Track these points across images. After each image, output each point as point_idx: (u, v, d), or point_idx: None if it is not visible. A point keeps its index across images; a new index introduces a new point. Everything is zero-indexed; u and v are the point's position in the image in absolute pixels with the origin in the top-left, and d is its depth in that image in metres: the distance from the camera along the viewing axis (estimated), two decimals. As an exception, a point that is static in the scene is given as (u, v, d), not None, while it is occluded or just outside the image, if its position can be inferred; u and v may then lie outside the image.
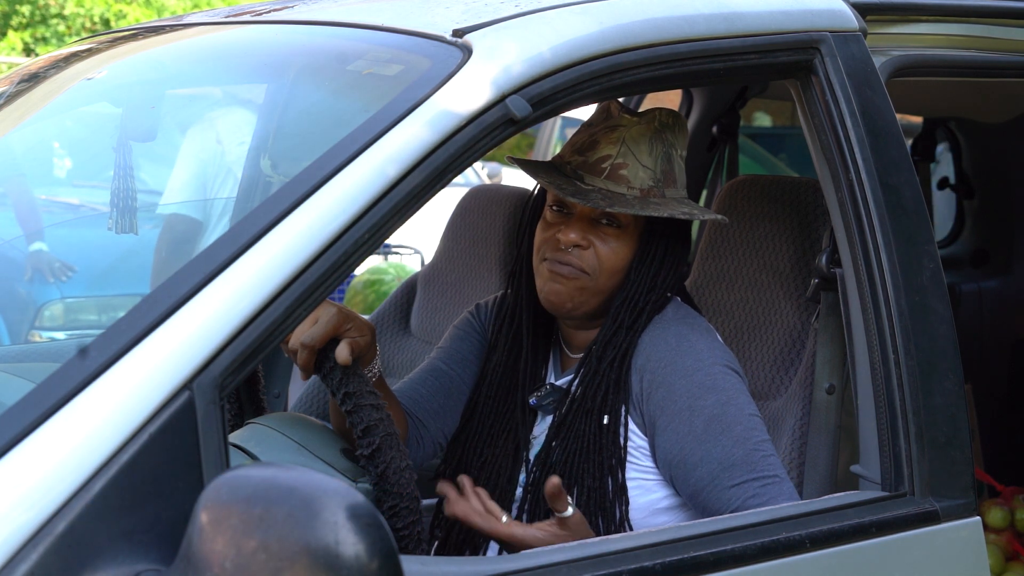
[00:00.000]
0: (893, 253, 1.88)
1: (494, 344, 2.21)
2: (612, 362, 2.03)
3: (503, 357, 2.18)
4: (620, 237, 2.05)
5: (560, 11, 1.79)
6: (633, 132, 2.05)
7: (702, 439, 1.95)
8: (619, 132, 2.05)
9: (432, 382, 2.22)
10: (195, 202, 3.90)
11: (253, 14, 2.27)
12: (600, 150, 2.04)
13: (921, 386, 1.85)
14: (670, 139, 2.08)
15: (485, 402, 2.18)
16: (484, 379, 2.20)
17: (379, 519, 1.22)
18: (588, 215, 2.05)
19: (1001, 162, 4.04)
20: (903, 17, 2.10)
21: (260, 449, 1.80)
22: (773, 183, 2.50)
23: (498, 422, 2.15)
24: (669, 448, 1.98)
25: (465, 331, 2.28)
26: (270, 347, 1.44)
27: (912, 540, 1.82)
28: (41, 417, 1.31)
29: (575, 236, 2.03)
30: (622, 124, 2.05)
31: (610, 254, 2.04)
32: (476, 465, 2.14)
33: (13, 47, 15.27)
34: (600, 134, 2.05)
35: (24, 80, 2.47)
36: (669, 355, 2.01)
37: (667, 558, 1.62)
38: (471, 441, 2.17)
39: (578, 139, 2.08)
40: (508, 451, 2.12)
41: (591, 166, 2.04)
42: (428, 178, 1.58)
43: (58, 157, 4.22)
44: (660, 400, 1.99)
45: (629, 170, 2.03)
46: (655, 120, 2.07)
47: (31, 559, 1.24)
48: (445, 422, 2.21)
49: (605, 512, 2.00)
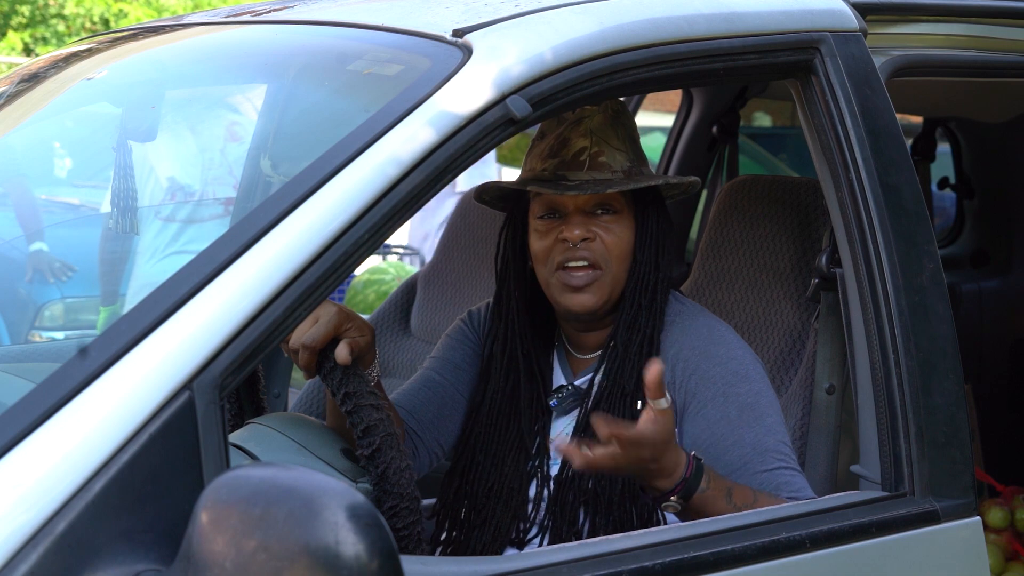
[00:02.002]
0: (893, 253, 1.88)
1: (487, 369, 2.19)
2: (640, 346, 2.04)
3: (500, 383, 2.15)
4: (619, 221, 2.07)
5: (560, 11, 1.79)
6: (597, 121, 2.08)
7: (736, 424, 1.97)
8: (585, 124, 2.07)
9: (425, 393, 2.21)
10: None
11: (253, 14, 2.26)
12: (574, 145, 2.06)
13: (921, 386, 1.85)
14: (625, 122, 2.12)
15: (485, 430, 2.15)
16: (482, 404, 2.17)
17: (379, 519, 1.22)
18: (583, 209, 2.06)
19: (1001, 162, 4.04)
20: (903, 17, 2.10)
21: (260, 449, 1.80)
22: (773, 183, 2.50)
23: (502, 444, 2.13)
24: (700, 433, 1.99)
25: (458, 339, 2.27)
26: (270, 347, 1.44)
27: (912, 540, 1.82)
28: (41, 417, 1.31)
29: (580, 231, 2.04)
30: (585, 116, 2.08)
31: (616, 240, 2.06)
32: (483, 490, 2.12)
33: (13, 47, 15.27)
34: (568, 131, 2.07)
35: (24, 80, 2.47)
36: (702, 344, 2.04)
37: (667, 558, 1.62)
38: (473, 470, 2.14)
39: (543, 145, 2.10)
40: (519, 466, 2.10)
41: (570, 163, 2.06)
42: (428, 178, 1.58)
43: (58, 157, 4.22)
44: (694, 387, 2.01)
45: (607, 156, 2.06)
46: (608, 109, 2.10)
47: (31, 559, 1.24)
48: (440, 432, 2.19)
49: (638, 502, 2.00)
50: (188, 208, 4.14)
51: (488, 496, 2.10)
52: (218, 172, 3.88)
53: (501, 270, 2.19)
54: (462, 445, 2.18)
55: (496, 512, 2.08)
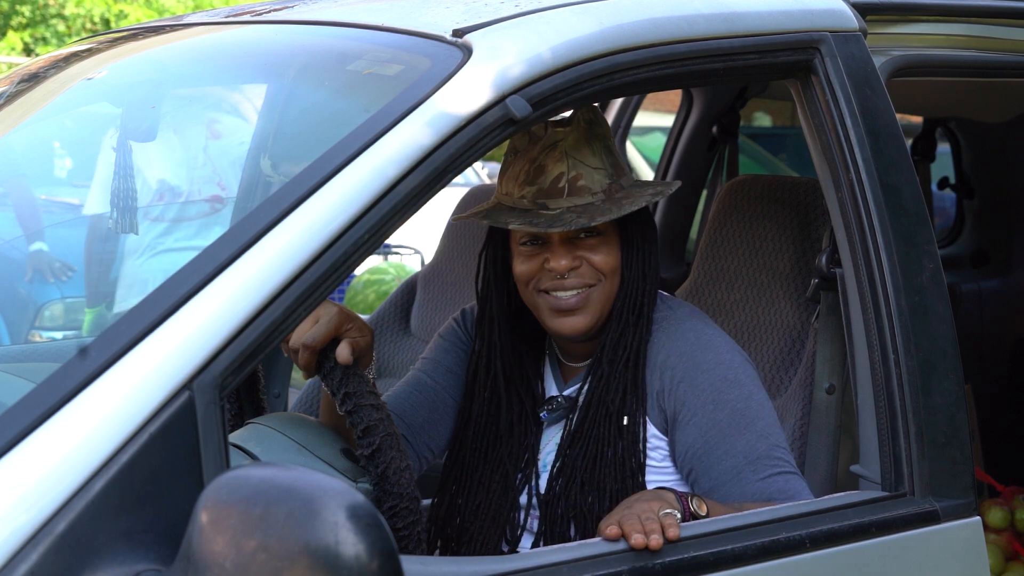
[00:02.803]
0: (893, 253, 1.88)
1: (471, 385, 2.17)
2: (626, 363, 2.02)
3: (484, 404, 2.13)
4: (604, 242, 2.03)
5: (560, 11, 1.79)
6: (570, 141, 2.02)
7: (727, 432, 1.95)
8: (559, 147, 2.01)
9: (416, 396, 2.19)
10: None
11: (253, 14, 2.27)
12: (551, 171, 2.00)
13: (921, 386, 1.85)
14: (600, 132, 2.06)
15: (471, 450, 2.13)
16: (469, 421, 2.15)
17: (379, 519, 1.22)
18: (567, 235, 2.02)
19: (1001, 162, 4.04)
20: (903, 17, 2.10)
21: (260, 449, 1.80)
22: (773, 183, 2.50)
23: (489, 463, 2.11)
24: (691, 442, 1.97)
25: (450, 341, 2.25)
26: (270, 347, 1.44)
27: (912, 540, 1.82)
28: (41, 417, 1.31)
29: (566, 262, 2.01)
30: (558, 139, 2.02)
31: (605, 259, 2.03)
32: (471, 508, 2.10)
33: (13, 47, 15.27)
34: (542, 157, 2.01)
35: (24, 80, 2.47)
36: (689, 350, 2.01)
37: (667, 558, 1.62)
38: (461, 495, 2.12)
39: (518, 170, 2.03)
40: (507, 485, 2.08)
41: (548, 190, 2.00)
42: (428, 178, 1.58)
43: (58, 157, 4.22)
44: (682, 394, 1.99)
45: (585, 178, 2.00)
46: (580, 122, 2.04)
47: (31, 559, 1.24)
48: (431, 436, 2.18)
49: None
50: (174, 208, 4.12)
51: (476, 514, 2.10)
52: (203, 171, 3.88)
53: (483, 290, 2.15)
54: (450, 462, 2.17)
55: (484, 529, 2.08)
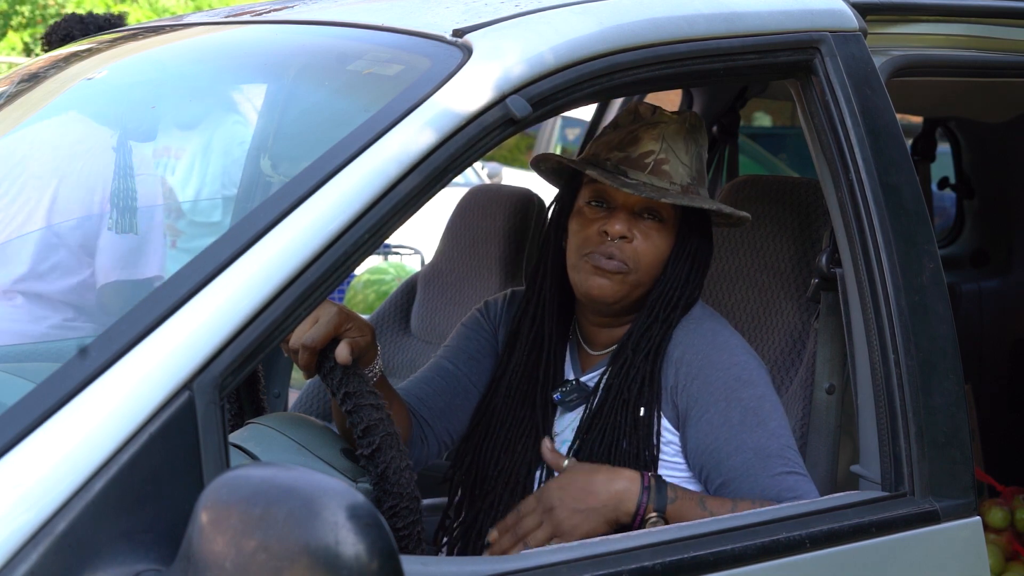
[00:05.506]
0: (893, 253, 1.88)
1: (511, 343, 2.21)
2: (647, 355, 2.05)
3: (523, 357, 2.17)
4: (661, 231, 2.08)
5: (560, 11, 1.79)
6: (671, 129, 2.09)
7: (738, 429, 1.97)
8: (659, 129, 2.08)
9: (438, 381, 2.22)
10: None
11: (253, 14, 2.27)
12: (643, 145, 2.07)
13: (921, 386, 1.85)
14: (700, 140, 2.14)
15: (504, 402, 2.17)
16: (503, 378, 2.19)
17: (379, 519, 1.22)
18: (631, 209, 2.07)
19: (1001, 162, 4.04)
20: (903, 17, 2.10)
21: (260, 449, 1.80)
22: (773, 183, 2.50)
23: (516, 423, 2.14)
24: (702, 438, 1.99)
25: (473, 329, 2.27)
26: (270, 347, 1.44)
27: (912, 540, 1.82)
28: (41, 417, 1.31)
29: (621, 227, 2.05)
30: (662, 121, 2.09)
31: (650, 248, 2.07)
32: (493, 467, 2.13)
33: (13, 47, 15.27)
34: (641, 130, 2.09)
35: (24, 80, 2.47)
36: (706, 348, 2.04)
37: (667, 558, 1.62)
38: (486, 443, 2.16)
39: (615, 136, 2.11)
40: (527, 450, 2.11)
41: (634, 161, 2.07)
42: (428, 178, 1.58)
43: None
44: (696, 391, 2.01)
45: (671, 166, 2.07)
46: (687, 121, 2.12)
47: (31, 559, 1.24)
48: (451, 421, 2.20)
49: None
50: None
51: (497, 477, 2.11)
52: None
53: (543, 243, 2.21)
54: (479, 414, 2.19)
55: (503, 498, 2.09)
